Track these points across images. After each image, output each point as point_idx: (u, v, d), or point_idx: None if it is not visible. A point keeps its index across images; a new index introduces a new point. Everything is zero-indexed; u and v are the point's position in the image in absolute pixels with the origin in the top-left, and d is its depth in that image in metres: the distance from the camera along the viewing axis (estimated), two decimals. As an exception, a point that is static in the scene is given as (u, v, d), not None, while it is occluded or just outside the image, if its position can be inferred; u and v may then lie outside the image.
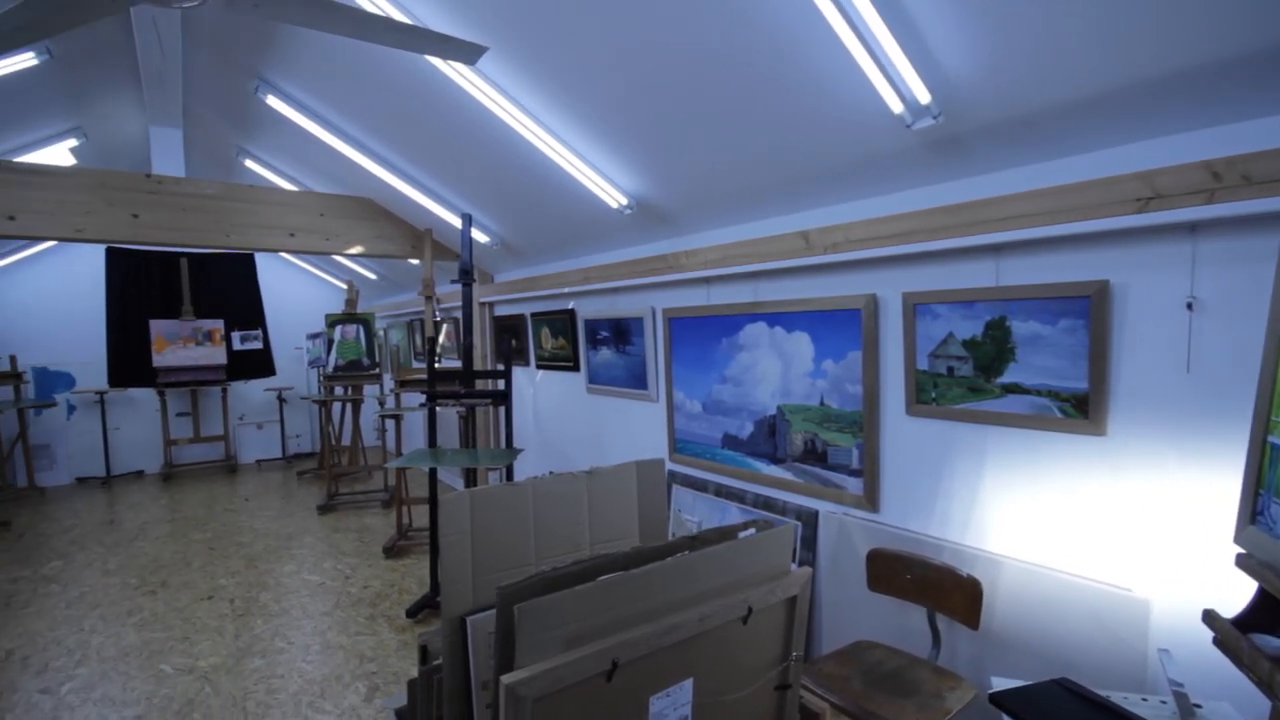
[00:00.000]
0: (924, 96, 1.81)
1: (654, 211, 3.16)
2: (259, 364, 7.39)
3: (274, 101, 3.74)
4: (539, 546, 1.39)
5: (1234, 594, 1.30)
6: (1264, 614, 1.12)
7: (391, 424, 6.64)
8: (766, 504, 2.86)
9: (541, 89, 2.61)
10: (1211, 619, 1.19)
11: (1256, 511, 1.14)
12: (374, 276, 7.59)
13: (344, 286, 7.35)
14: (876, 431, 2.40)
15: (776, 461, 2.83)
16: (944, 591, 2.07)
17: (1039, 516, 1.97)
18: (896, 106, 1.86)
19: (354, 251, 5.02)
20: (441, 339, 6.04)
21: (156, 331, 6.70)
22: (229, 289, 7.21)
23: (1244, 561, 1.14)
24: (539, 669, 0.97)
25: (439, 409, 3.71)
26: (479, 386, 4.75)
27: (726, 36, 1.95)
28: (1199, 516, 1.64)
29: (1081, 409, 1.83)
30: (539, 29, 2.28)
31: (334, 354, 6.10)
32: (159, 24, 3.12)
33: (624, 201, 3.13)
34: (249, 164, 5.48)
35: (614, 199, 3.11)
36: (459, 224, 3.69)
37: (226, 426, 7.69)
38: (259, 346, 7.36)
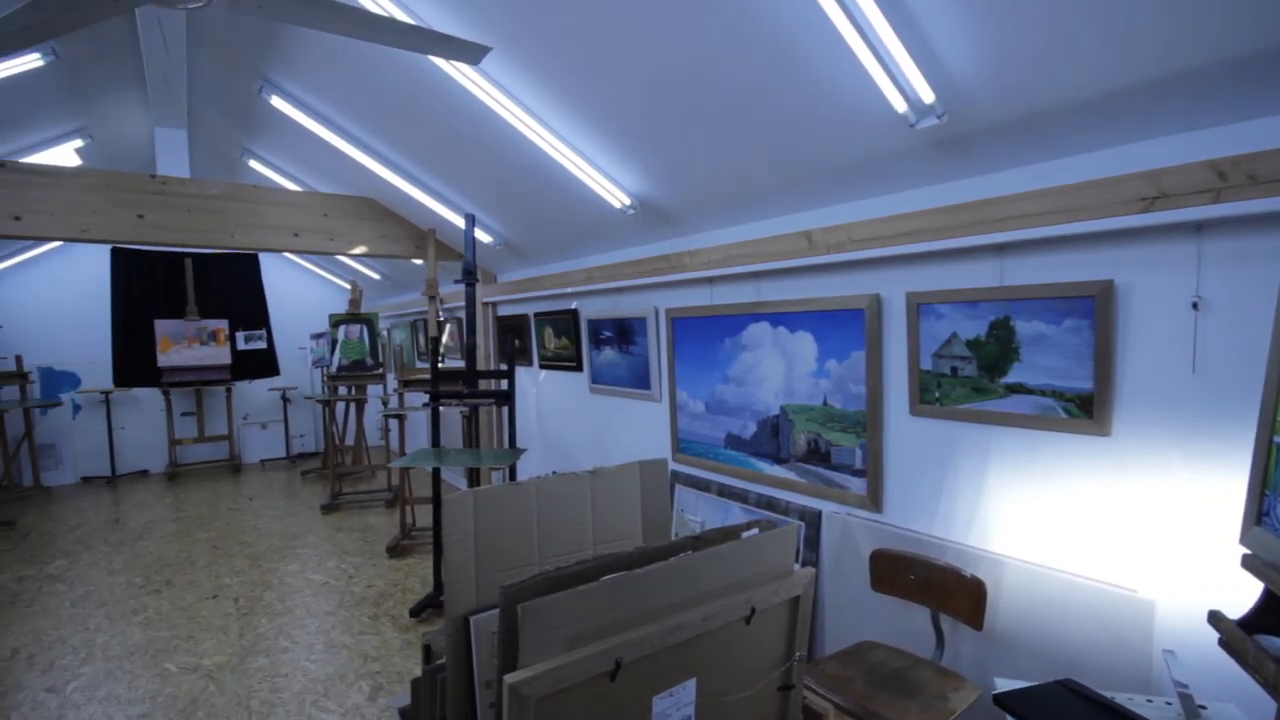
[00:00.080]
0: (928, 96, 1.81)
1: (657, 211, 3.16)
2: (263, 364, 7.40)
3: (278, 102, 3.76)
4: (542, 546, 1.39)
5: (1239, 595, 1.30)
6: (1269, 615, 1.12)
7: (395, 424, 6.66)
8: (769, 504, 2.86)
9: (545, 89, 2.61)
10: (1217, 620, 1.18)
11: (1262, 512, 1.13)
12: (377, 277, 7.61)
13: (348, 286, 7.36)
14: (880, 431, 2.40)
15: (780, 461, 2.82)
16: (948, 592, 2.07)
17: (1043, 517, 1.97)
18: (900, 106, 1.86)
19: (358, 252, 5.03)
20: (445, 339, 6.05)
21: (161, 331, 6.72)
22: (233, 289, 7.22)
23: (1249, 562, 1.14)
24: (542, 668, 0.97)
25: (442, 409, 3.72)
26: (482, 386, 4.75)
27: (730, 36, 1.95)
28: (1204, 517, 1.64)
29: (1086, 409, 1.83)
30: (542, 29, 2.29)
31: (338, 354, 6.11)
32: (164, 25, 3.14)
33: (627, 201, 3.13)
34: (253, 164, 5.50)
35: (617, 199, 3.12)
36: (462, 224, 3.70)
37: (231, 426, 7.71)
38: (263, 346, 7.38)
